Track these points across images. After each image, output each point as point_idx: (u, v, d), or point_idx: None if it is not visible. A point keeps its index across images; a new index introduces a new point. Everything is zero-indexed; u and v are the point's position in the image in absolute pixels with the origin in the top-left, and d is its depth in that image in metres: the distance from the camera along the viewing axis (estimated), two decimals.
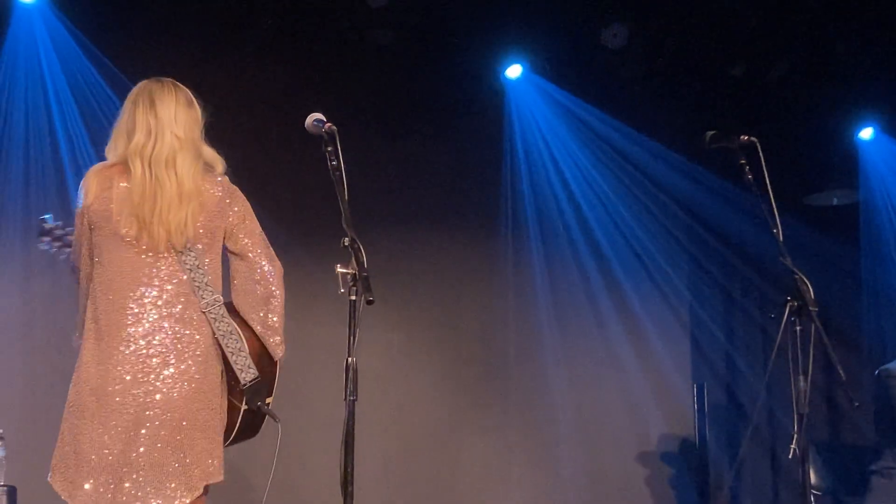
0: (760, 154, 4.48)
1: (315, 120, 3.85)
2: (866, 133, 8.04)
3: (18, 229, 6.70)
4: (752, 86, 7.65)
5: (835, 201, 8.14)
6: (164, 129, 3.86)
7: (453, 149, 7.53)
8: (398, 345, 7.31)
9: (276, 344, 4.01)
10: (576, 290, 7.78)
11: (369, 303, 3.54)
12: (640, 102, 7.77)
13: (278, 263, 4.04)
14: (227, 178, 3.98)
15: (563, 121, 7.82)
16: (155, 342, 3.75)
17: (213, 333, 3.84)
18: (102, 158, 3.89)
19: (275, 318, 4.01)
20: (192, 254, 3.84)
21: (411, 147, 7.44)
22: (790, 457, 4.18)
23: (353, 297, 3.59)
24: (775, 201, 4.36)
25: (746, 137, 4.56)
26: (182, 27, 7.02)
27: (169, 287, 3.80)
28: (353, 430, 3.52)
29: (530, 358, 7.67)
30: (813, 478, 5.94)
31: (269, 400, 4.00)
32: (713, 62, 7.56)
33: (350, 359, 3.53)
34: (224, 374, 3.91)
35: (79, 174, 6.74)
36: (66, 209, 6.75)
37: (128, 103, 3.97)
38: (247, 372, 3.89)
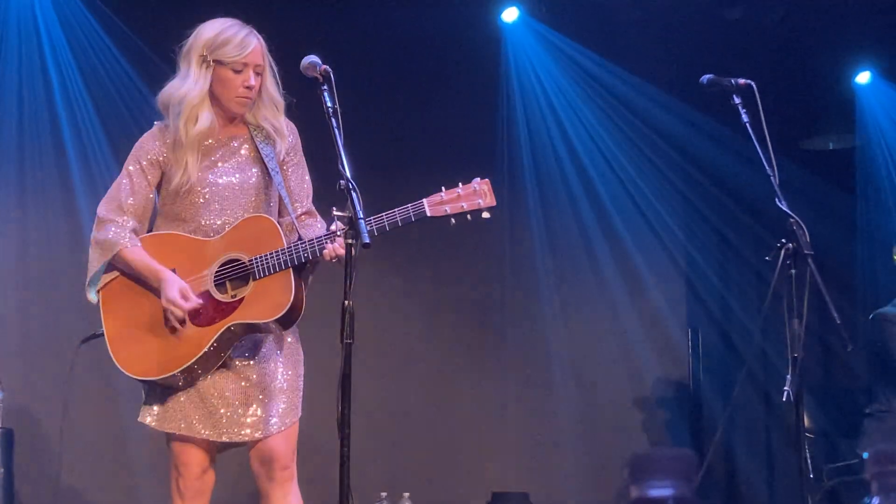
0: (757, 97, 4.47)
1: (310, 61, 3.83)
2: (863, 77, 8.01)
3: (13, 161, 6.67)
4: (750, 29, 7.61)
5: (831, 145, 8.13)
6: None
7: (449, 94, 7.48)
8: (394, 289, 7.32)
9: None
10: (571, 235, 7.78)
11: (365, 246, 3.54)
12: (637, 46, 7.73)
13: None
14: None
15: (559, 64, 7.77)
16: None
17: None
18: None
19: None
20: None
21: (406, 92, 7.39)
22: (784, 399, 4.21)
23: (350, 241, 3.59)
24: (771, 145, 4.37)
25: (743, 81, 4.55)
26: None
27: None
28: (350, 373, 3.52)
29: (526, 304, 7.68)
30: (806, 420, 5.97)
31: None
32: (710, 5, 7.51)
33: (347, 302, 3.53)
34: None
35: (71, 110, 6.71)
36: (58, 147, 6.72)
37: None
38: None
